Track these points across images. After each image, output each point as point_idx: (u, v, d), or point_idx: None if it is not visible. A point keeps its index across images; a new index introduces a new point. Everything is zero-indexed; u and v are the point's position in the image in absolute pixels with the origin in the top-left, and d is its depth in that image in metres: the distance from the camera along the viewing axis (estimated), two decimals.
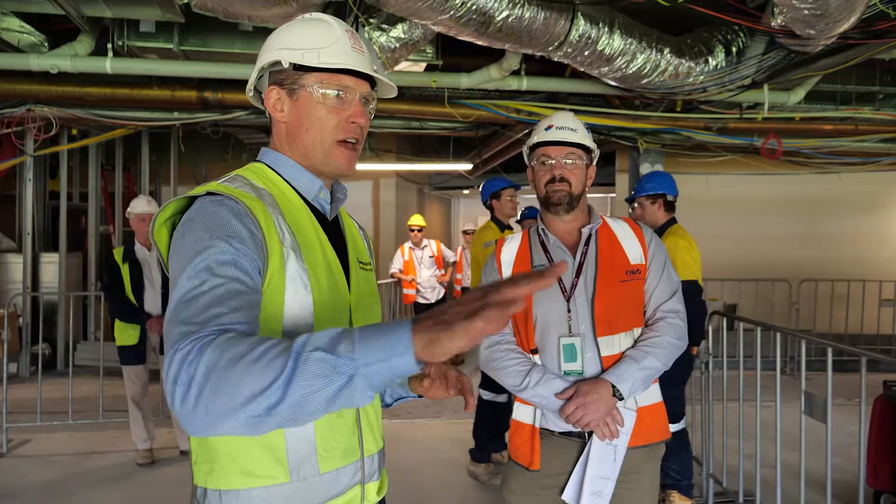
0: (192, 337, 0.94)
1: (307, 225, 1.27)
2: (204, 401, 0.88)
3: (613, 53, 4.23)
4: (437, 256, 7.59)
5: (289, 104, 1.28)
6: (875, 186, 8.40)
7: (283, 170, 1.31)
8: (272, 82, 1.30)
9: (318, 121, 1.27)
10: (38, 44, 5.03)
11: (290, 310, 1.18)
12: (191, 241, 1.09)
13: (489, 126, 6.74)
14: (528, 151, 2.16)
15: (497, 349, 2.06)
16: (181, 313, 1.00)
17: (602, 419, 1.91)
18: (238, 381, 0.87)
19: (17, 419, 5.23)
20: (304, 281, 1.19)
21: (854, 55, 4.58)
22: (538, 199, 2.12)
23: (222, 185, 1.21)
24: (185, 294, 1.03)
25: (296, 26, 1.31)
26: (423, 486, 4.20)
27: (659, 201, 3.87)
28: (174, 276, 1.08)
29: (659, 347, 1.98)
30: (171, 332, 0.98)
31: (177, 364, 0.92)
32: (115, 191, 8.61)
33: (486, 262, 2.20)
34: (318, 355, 0.85)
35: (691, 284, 3.66)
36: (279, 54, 1.27)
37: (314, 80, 1.26)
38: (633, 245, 2.08)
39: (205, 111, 5.99)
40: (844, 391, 4.13)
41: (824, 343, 3.08)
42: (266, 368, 0.86)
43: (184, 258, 1.08)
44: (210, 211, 1.13)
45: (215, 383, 0.88)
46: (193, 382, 0.89)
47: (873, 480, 3.55)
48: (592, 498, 1.94)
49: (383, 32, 4.18)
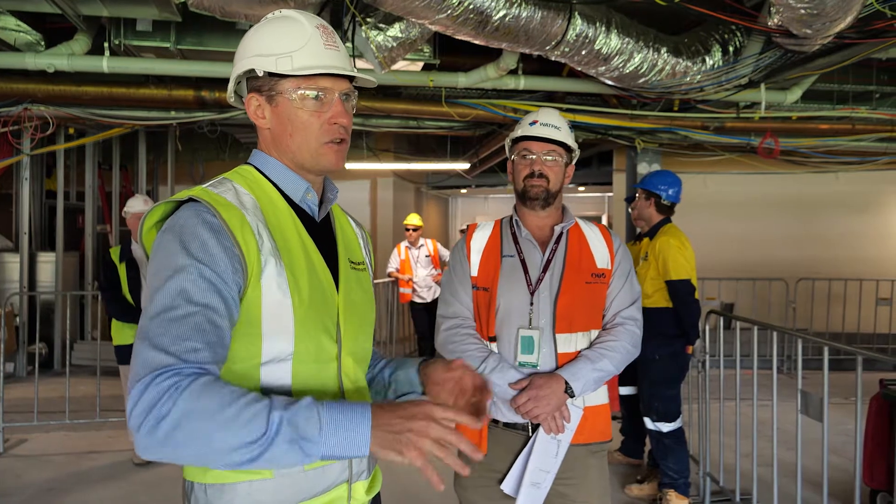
0: (170, 371, 1.02)
1: (290, 229, 1.27)
2: (172, 442, 0.99)
3: (610, 53, 4.23)
4: (433, 256, 7.58)
5: (269, 110, 1.28)
6: (872, 186, 8.41)
7: (271, 172, 1.31)
8: (250, 89, 1.29)
9: (301, 125, 1.26)
10: (35, 43, 5.02)
11: (268, 315, 1.18)
12: (166, 255, 1.13)
13: (486, 125, 6.74)
14: (510, 144, 2.19)
15: (457, 332, 2.09)
16: (156, 337, 1.06)
17: (551, 413, 1.95)
18: (212, 436, 0.99)
19: (14, 419, 5.22)
20: (281, 287, 1.19)
21: (851, 54, 4.59)
22: (515, 192, 2.16)
23: (206, 190, 1.21)
24: (159, 314, 1.08)
25: (266, 28, 1.29)
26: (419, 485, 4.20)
27: (652, 199, 3.88)
28: (149, 285, 1.13)
29: (614, 351, 2.03)
30: (145, 354, 1.05)
31: (152, 396, 1.00)
32: (112, 190, 8.60)
33: (456, 245, 2.22)
34: (287, 436, 1.00)
35: (684, 283, 3.66)
36: (253, 62, 1.26)
37: (291, 86, 1.25)
38: (601, 250, 2.13)
39: (202, 110, 5.99)
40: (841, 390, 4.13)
41: (821, 342, 3.09)
42: (241, 430, 0.99)
43: (159, 271, 1.12)
44: (188, 226, 1.14)
45: (188, 431, 0.99)
46: (165, 421, 0.99)
47: (869, 479, 3.56)
48: (531, 489, 1.98)
49: (380, 31, 4.18)
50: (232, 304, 1.14)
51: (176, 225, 1.15)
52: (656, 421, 3.77)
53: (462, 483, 2.11)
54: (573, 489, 2.04)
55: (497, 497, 2.07)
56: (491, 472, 2.07)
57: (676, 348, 3.75)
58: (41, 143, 6.88)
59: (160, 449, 1.01)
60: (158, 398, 1.00)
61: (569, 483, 2.03)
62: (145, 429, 1.00)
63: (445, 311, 2.15)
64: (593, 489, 2.07)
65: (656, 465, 3.98)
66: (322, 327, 1.25)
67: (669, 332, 3.72)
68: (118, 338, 4.52)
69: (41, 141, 6.43)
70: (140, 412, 1.00)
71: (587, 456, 2.07)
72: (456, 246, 2.23)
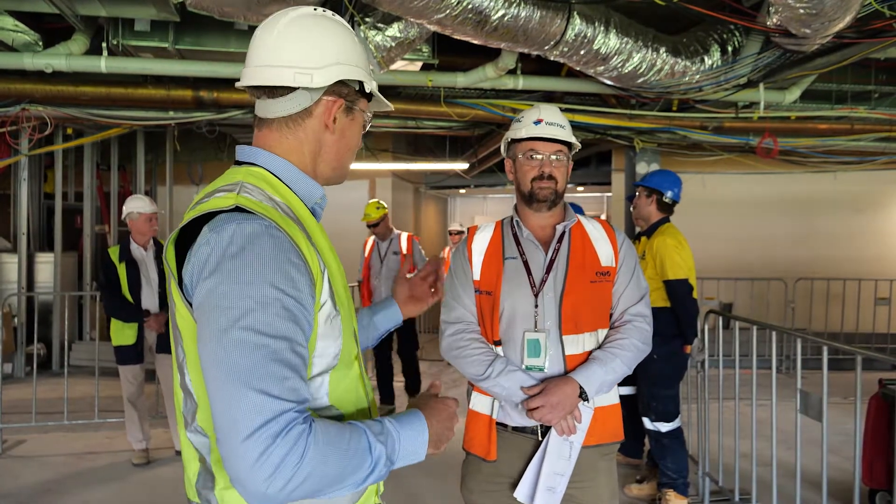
0: (290, 423, 1.00)
1: (319, 235, 1.23)
2: (299, 492, 1.01)
3: (609, 52, 4.23)
4: (402, 254, 6.36)
5: (344, 121, 1.27)
6: (870, 185, 8.42)
7: (285, 175, 1.23)
8: (330, 91, 1.24)
9: (355, 144, 1.33)
10: (33, 43, 5.01)
11: (323, 331, 1.15)
12: (237, 282, 1.02)
13: (485, 125, 6.73)
14: (508, 142, 2.12)
15: (462, 337, 2.04)
16: (255, 381, 0.99)
17: (564, 416, 1.92)
18: (329, 487, 1.05)
19: (12, 420, 5.22)
20: (331, 298, 1.16)
21: (849, 54, 4.59)
22: (519, 192, 2.10)
23: (248, 199, 1.12)
24: (247, 353, 1.00)
25: (342, 33, 1.26)
26: (415, 486, 4.20)
27: (653, 197, 3.88)
28: (219, 313, 1.02)
29: (626, 350, 2.00)
30: (250, 401, 0.98)
31: (281, 450, 0.98)
32: (111, 190, 8.59)
33: (457, 248, 2.18)
34: (383, 471, 1.13)
35: (681, 283, 3.66)
36: (349, 71, 1.24)
37: (365, 106, 1.32)
38: (605, 247, 2.08)
39: (200, 110, 5.98)
40: (840, 390, 4.14)
41: (820, 342, 3.09)
42: (349, 478, 1.07)
43: (232, 301, 1.01)
44: (255, 246, 1.04)
45: (316, 481, 1.02)
46: (297, 474, 0.99)
47: (868, 478, 3.56)
48: (546, 494, 1.95)
49: (379, 31, 4.17)
50: (310, 323, 1.10)
51: (240, 246, 1.04)
52: (655, 421, 3.77)
53: (469, 486, 2.09)
54: (582, 492, 2.02)
55: (505, 501, 2.04)
56: (499, 477, 2.04)
57: (674, 348, 3.74)
58: (39, 143, 6.86)
59: (280, 502, 1.01)
60: (287, 452, 0.98)
61: (578, 486, 2.00)
62: (275, 486, 0.98)
63: (448, 316, 2.10)
64: (602, 492, 2.05)
65: (656, 465, 3.98)
66: (352, 332, 1.25)
67: (667, 331, 3.72)
68: (117, 338, 4.51)
69: (39, 141, 6.42)
70: (267, 470, 0.97)
71: (597, 459, 2.04)
72: (457, 249, 2.18)
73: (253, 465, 0.96)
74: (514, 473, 2.03)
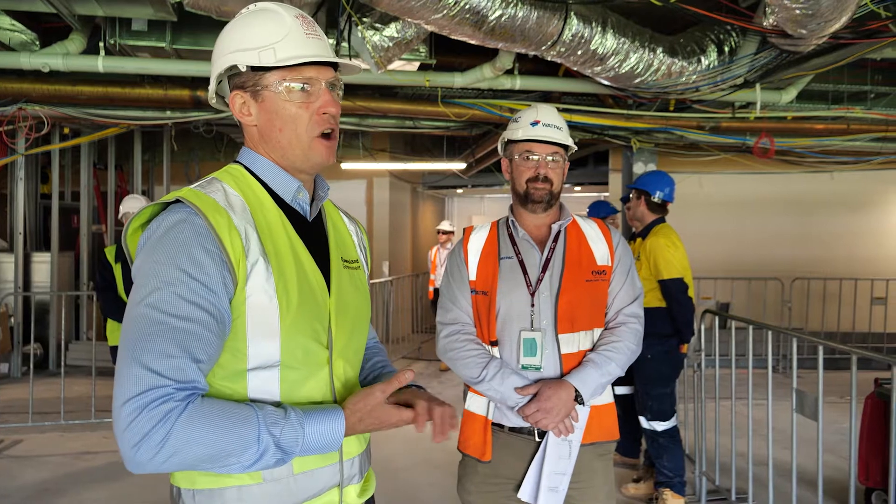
0: (162, 397, 1.03)
1: (279, 230, 1.23)
2: (165, 466, 1.04)
3: (606, 53, 4.23)
4: None
5: (255, 107, 1.25)
6: (867, 185, 8.44)
7: (260, 171, 1.28)
8: (233, 87, 1.26)
9: (290, 118, 1.23)
10: (30, 42, 5.01)
11: (254, 321, 1.16)
12: (151, 262, 1.10)
13: (483, 125, 6.74)
14: (505, 142, 2.13)
15: (457, 338, 2.04)
16: (142, 353, 1.05)
17: (561, 420, 1.92)
18: (207, 463, 1.06)
19: (9, 419, 5.21)
20: (268, 292, 1.16)
21: (845, 55, 4.60)
22: (515, 193, 2.11)
23: (194, 191, 1.18)
24: (143, 327, 1.06)
25: (244, 22, 1.25)
26: (413, 486, 4.21)
27: (642, 198, 3.90)
28: (133, 292, 1.11)
29: (620, 353, 2.01)
30: (130, 371, 1.04)
31: (145, 423, 1.02)
32: (108, 190, 8.57)
33: (454, 249, 2.18)
34: (273, 458, 1.11)
35: (676, 282, 3.67)
36: (234, 58, 1.22)
37: (276, 78, 1.22)
38: (600, 246, 2.09)
39: (197, 110, 5.97)
40: (836, 389, 4.15)
41: (816, 341, 3.10)
42: (231, 458, 1.07)
43: (146, 281, 1.09)
44: (173, 231, 1.11)
45: (182, 457, 1.04)
46: (161, 451, 1.02)
47: (864, 477, 3.57)
48: (549, 494, 1.96)
49: (376, 31, 4.17)
50: (222, 315, 1.12)
51: (162, 231, 1.12)
52: (651, 420, 3.77)
53: (467, 487, 2.08)
54: (579, 492, 2.02)
55: (503, 502, 2.04)
56: (496, 478, 2.04)
57: (670, 347, 3.75)
58: (36, 142, 6.85)
59: (152, 469, 1.05)
60: (152, 427, 1.02)
61: (574, 486, 2.00)
62: (142, 454, 1.02)
63: (444, 318, 2.10)
64: (598, 492, 2.05)
65: (652, 465, 3.99)
66: (311, 333, 1.22)
67: (663, 331, 3.73)
68: (114, 338, 4.51)
69: (36, 141, 6.41)
70: (133, 438, 1.02)
71: (593, 459, 2.04)
72: (453, 250, 2.18)
73: (123, 431, 1.02)
74: (511, 474, 2.03)
